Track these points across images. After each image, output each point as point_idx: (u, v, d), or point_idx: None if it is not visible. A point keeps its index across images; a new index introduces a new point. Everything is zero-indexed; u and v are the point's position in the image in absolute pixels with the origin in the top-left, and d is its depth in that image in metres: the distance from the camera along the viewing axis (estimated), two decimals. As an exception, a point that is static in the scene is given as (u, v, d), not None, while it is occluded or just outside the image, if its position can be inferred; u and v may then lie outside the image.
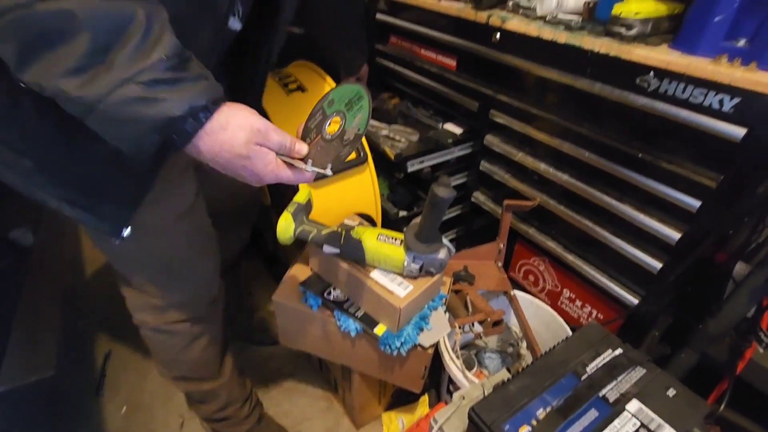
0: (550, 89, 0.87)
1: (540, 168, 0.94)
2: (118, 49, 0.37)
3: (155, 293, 0.76)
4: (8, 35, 0.35)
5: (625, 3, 0.72)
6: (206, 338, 0.85)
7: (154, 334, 0.82)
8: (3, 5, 0.33)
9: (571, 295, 1.01)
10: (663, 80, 0.68)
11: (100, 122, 0.40)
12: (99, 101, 0.38)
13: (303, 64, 1.10)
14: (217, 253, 0.82)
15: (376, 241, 0.75)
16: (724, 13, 0.63)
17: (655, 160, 0.74)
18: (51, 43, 0.35)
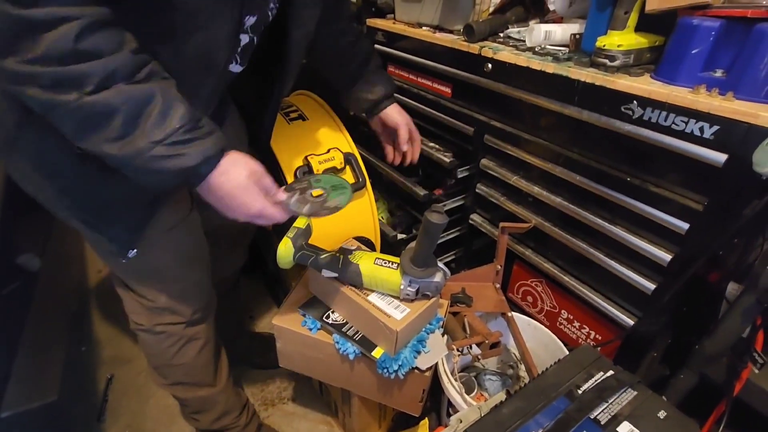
0: (541, 116, 0.91)
1: (534, 191, 0.97)
2: (144, 122, 0.51)
3: (147, 295, 0.82)
4: (66, 120, 0.50)
5: (608, 36, 0.76)
6: (200, 342, 0.89)
7: (148, 335, 0.86)
8: (60, 100, 0.47)
9: (569, 316, 1.02)
10: (646, 108, 0.71)
11: (133, 172, 0.54)
12: (134, 159, 0.52)
13: (304, 94, 1.15)
14: (207, 264, 0.87)
15: (373, 265, 0.77)
16: (701, 46, 0.67)
17: (643, 184, 0.77)
18: (97, 123, 0.49)
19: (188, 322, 0.86)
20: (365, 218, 1.03)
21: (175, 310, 0.84)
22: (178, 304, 0.84)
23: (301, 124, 1.02)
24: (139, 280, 0.80)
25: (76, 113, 0.48)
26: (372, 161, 1.30)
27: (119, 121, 0.49)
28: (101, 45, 0.47)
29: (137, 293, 0.82)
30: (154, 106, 0.51)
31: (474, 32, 0.97)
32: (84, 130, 0.50)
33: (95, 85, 0.47)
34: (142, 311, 0.83)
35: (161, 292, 0.81)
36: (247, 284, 1.55)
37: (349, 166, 0.98)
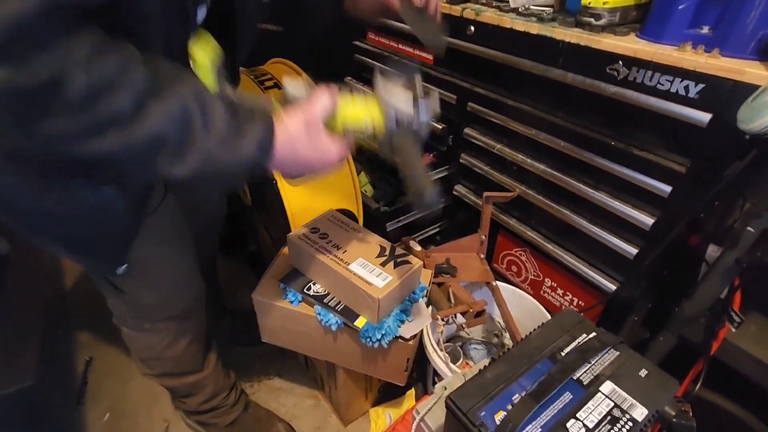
0: (525, 80, 0.89)
1: (518, 158, 0.95)
2: (193, 133, 0.48)
3: (134, 294, 0.77)
4: (122, 157, 0.47)
5: (593, -7, 0.73)
6: (190, 335, 0.86)
7: (135, 333, 0.83)
8: (112, 148, 0.45)
9: (552, 284, 1.02)
10: (631, 68, 0.69)
11: (203, 181, 0.52)
12: (200, 171, 0.49)
13: (279, 62, 1.10)
14: (192, 254, 0.83)
15: (341, 132, 0.60)
16: (687, 2, 0.65)
17: (626, 148, 0.76)
18: (155, 151, 0.47)
19: (178, 317, 0.82)
20: (347, 190, 1.01)
21: (164, 307, 0.80)
22: (167, 301, 0.80)
23: (277, 94, 0.98)
24: (126, 279, 0.75)
25: (129, 147, 0.46)
26: (353, 133, 1.27)
27: (173, 142, 0.47)
28: (109, 73, 0.43)
29: (123, 291, 0.77)
30: (194, 115, 0.48)
31: (456, -7, 0.93)
32: (146, 162, 0.48)
33: (130, 115, 0.45)
34: (128, 310, 0.80)
35: (149, 290, 0.77)
36: (227, 262, 1.52)
37: (329, 135, 0.95)
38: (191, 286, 0.83)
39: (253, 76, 1.03)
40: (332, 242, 0.83)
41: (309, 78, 1.04)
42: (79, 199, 0.60)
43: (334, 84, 0.60)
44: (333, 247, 0.82)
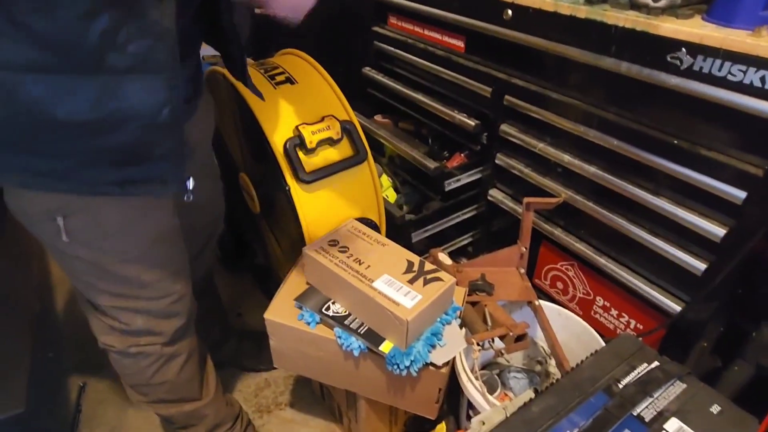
0: (571, 70, 0.89)
1: (564, 160, 0.96)
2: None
3: (120, 317, 0.82)
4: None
5: (651, -29, 0.74)
6: (182, 357, 0.90)
7: (121, 358, 0.87)
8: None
9: (605, 303, 1.02)
10: (697, 57, 0.70)
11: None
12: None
13: (291, 53, 1.13)
14: (188, 275, 0.88)
15: None
16: (762, -21, 0.65)
17: (692, 147, 0.76)
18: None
19: (168, 341, 0.87)
20: (367, 197, 1.03)
21: (154, 332, 0.85)
22: (157, 325, 0.85)
23: (290, 89, 1.01)
24: (114, 301, 0.80)
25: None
26: (373, 130, 1.29)
27: None
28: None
29: (109, 316, 0.82)
30: None
31: (491, -27, 0.95)
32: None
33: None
34: (113, 333, 0.84)
35: (138, 314, 0.82)
36: (233, 278, 1.56)
37: (347, 136, 0.97)
38: (181, 308, 0.88)
39: (263, 69, 1.06)
40: (353, 256, 0.85)
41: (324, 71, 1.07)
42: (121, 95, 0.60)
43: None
44: (354, 261, 0.84)
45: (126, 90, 0.58)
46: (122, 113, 0.59)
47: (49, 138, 0.59)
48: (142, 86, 0.59)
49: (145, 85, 0.59)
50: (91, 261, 0.75)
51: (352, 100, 1.04)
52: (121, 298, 0.80)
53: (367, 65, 1.40)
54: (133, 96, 0.59)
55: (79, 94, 0.56)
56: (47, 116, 0.56)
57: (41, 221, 0.69)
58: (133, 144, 0.62)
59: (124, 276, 0.78)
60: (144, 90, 0.59)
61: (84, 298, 0.83)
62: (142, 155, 0.65)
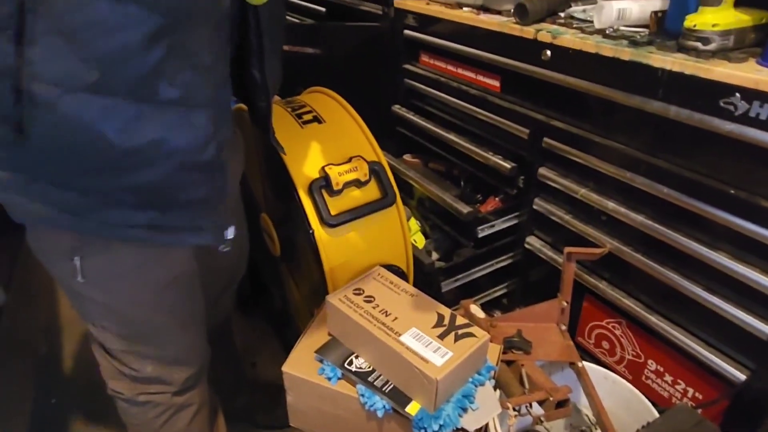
0: (615, 113, 0.91)
1: (608, 207, 0.96)
2: None
3: (131, 363, 0.84)
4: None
5: (700, 13, 0.76)
6: (192, 408, 0.92)
7: (129, 406, 0.89)
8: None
9: (658, 368, 0.99)
10: (753, 102, 0.71)
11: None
12: None
13: (318, 91, 1.19)
14: (203, 322, 0.91)
15: None
16: (821, 23, 0.66)
17: (750, 197, 0.76)
18: None
19: (178, 390, 0.89)
20: (395, 242, 1.05)
21: (163, 380, 0.87)
22: (167, 373, 0.87)
23: (317, 128, 1.05)
24: (125, 346, 0.83)
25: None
26: (402, 171, 1.33)
27: None
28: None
29: (118, 360, 0.85)
30: None
31: (527, 12, 0.99)
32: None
33: None
34: (123, 379, 0.87)
35: (148, 360, 0.85)
36: (248, 323, 1.58)
37: (375, 178, 1.00)
38: (193, 356, 0.90)
39: (291, 108, 1.11)
40: (379, 307, 0.86)
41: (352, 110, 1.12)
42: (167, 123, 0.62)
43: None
44: (380, 313, 0.85)
45: (170, 121, 0.61)
46: (163, 146, 0.61)
47: (85, 167, 0.61)
48: (187, 119, 0.62)
49: (190, 119, 0.62)
50: (104, 302, 0.78)
51: (380, 138, 1.08)
52: (131, 342, 0.83)
53: (396, 103, 1.45)
54: (177, 129, 0.62)
55: (124, 119, 0.58)
56: (84, 137, 0.58)
57: (60, 261, 0.73)
58: (167, 183, 0.64)
59: (137, 319, 0.81)
60: (188, 124, 0.62)
61: (95, 340, 0.86)
62: (175, 198, 0.67)
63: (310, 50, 1.52)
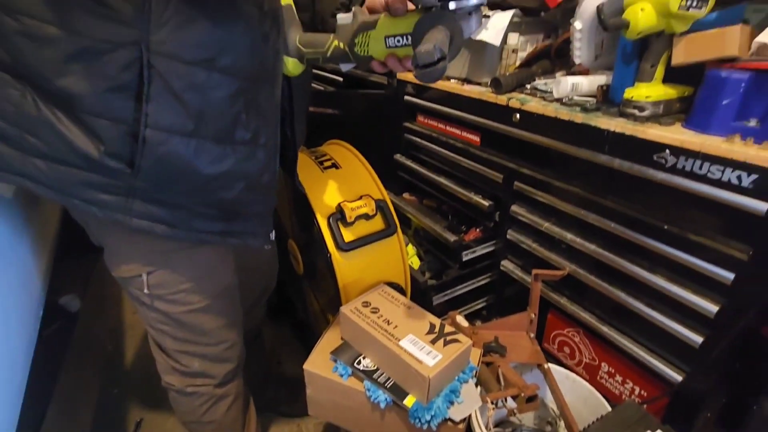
0: (571, 163, 0.92)
1: (567, 238, 0.97)
2: None
3: (182, 360, 0.85)
4: None
5: (636, 88, 0.79)
6: (230, 399, 0.92)
7: (179, 396, 0.89)
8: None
9: (610, 370, 0.98)
10: (679, 157, 0.72)
11: None
12: None
13: (336, 143, 1.22)
14: (241, 326, 0.92)
15: (386, 50, 0.66)
16: (731, 97, 0.68)
17: (681, 232, 0.76)
18: None
19: (219, 383, 0.89)
20: (396, 264, 1.05)
21: (208, 374, 0.88)
22: (211, 368, 0.88)
23: (335, 173, 1.07)
24: (178, 345, 0.84)
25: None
26: (402, 207, 1.34)
27: None
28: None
29: (172, 358, 0.86)
30: None
31: (501, 85, 1.02)
32: None
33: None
34: (175, 374, 0.87)
35: (196, 357, 0.85)
36: (274, 329, 1.57)
37: (381, 212, 1.01)
38: (233, 354, 0.90)
39: (314, 156, 1.14)
40: (383, 317, 0.86)
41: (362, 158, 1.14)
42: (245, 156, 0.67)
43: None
44: (384, 322, 0.85)
45: (242, 156, 0.66)
46: (235, 174, 0.66)
47: (177, 189, 0.64)
48: (253, 154, 0.67)
49: (255, 154, 0.68)
50: (164, 310, 0.79)
51: (385, 180, 1.09)
52: (184, 342, 0.83)
53: (398, 153, 1.47)
54: (246, 161, 0.67)
55: (211, 155, 0.63)
56: (182, 169, 0.62)
57: (132, 277, 0.74)
58: (237, 200, 0.69)
59: (190, 324, 0.81)
60: (252, 157, 0.67)
61: (154, 340, 0.86)
62: (240, 210, 0.71)
63: (330, 111, 1.56)
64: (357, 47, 0.67)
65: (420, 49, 0.53)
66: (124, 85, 0.56)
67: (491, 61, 1.10)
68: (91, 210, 0.63)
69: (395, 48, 0.64)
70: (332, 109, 1.58)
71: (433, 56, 0.53)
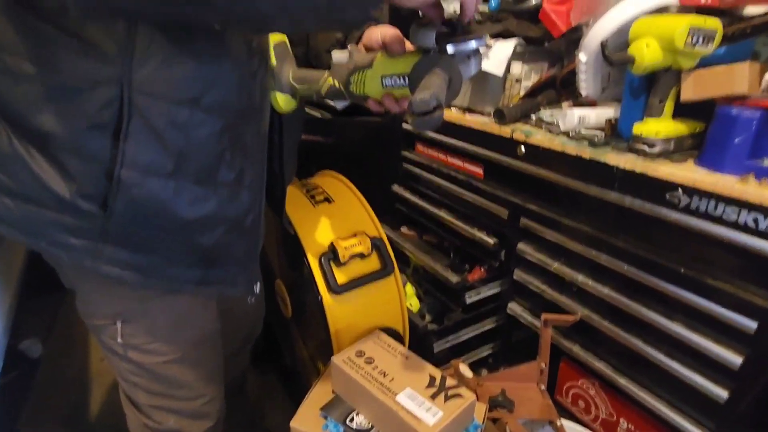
0: (580, 200, 0.95)
1: (578, 279, 0.98)
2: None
3: (156, 415, 0.85)
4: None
5: (645, 123, 0.82)
6: None
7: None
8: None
9: (629, 427, 0.97)
10: (693, 197, 0.75)
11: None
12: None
13: (329, 174, 1.24)
14: (222, 377, 0.91)
15: (382, 89, 0.69)
16: (743, 135, 0.72)
17: (698, 276, 0.78)
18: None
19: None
20: (392, 307, 1.06)
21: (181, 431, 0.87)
22: (188, 426, 0.87)
23: (327, 207, 1.09)
24: (152, 400, 0.84)
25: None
26: (399, 243, 1.36)
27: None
28: None
29: (144, 413, 0.85)
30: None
31: (505, 116, 1.06)
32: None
33: None
34: (146, 431, 0.87)
35: (171, 413, 0.85)
36: (258, 377, 1.55)
37: (377, 251, 1.03)
38: (212, 409, 0.90)
39: (305, 189, 1.16)
40: (378, 368, 0.86)
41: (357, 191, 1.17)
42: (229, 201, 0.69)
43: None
44: (379, 374, 0.85)
45: (224, 197, 0.68)
46: (216, 217, 0.67)
47: (151, 233, 0.65)
48: (237, 196, 0.69)
49: (237, 195, 0.69)
50: (138, 361, 0.79)
51: (381, 214, 1.11)
52: (158, 397, 0.83)
53: (396, 184, 1.50)
54: (228, 203, 0.68)
55: (191, 197, 0.64)
56: (158, 212, 0.63)
57: (105, 325, 0.75)
58: (217, 245, 0.70)
59: (165, 376, 0.81)
60: (236, 199, 0.69)
61: (125, 394, 0.86)
62: (220, 256, 0.72)
63: (324, 139, 1.60)
64: (353, 86, 0.71)
65: (416, 97, 0.56)
66: (102, 124, 0.58)
67: (494, 91, 1.15)
68: (59, 254, 0.64)
69: (392, 88, 0.68)
70: (326, 137, 1.62)
71: (429, 105, 0.56)
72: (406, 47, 0.67)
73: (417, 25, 0.63)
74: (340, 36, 0.85)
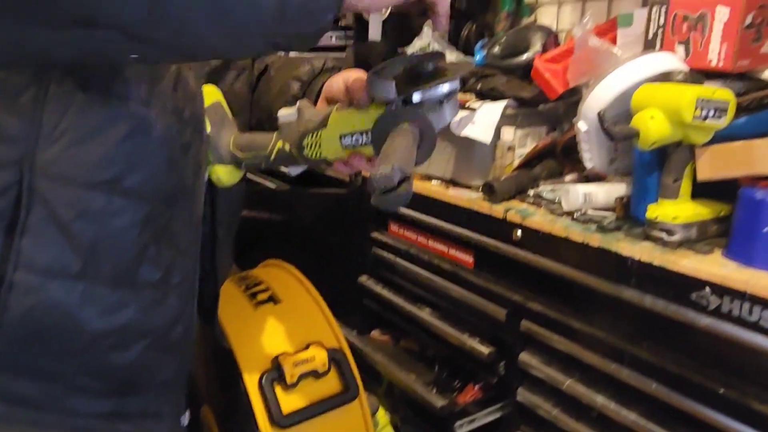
0: (592, 298, 1.00)
1: (597, 402, 1.00)
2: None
3: None
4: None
5: (660, 205, 0.89)
6: None
7: None
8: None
9: None
10: (723, 297, 0.80)
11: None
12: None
13: (276, 265, 1.27)
14: None
15: (343, 150, 0.73)
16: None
17: (741, 398, 0.81)
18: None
19: None
20: (357, 442, 1.05)
21: None
22: None
23: (272, 310, 1.11)
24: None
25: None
26: (368, 355, 1.36)
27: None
28: None
29: None
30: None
31: (496, 192, 1.13)
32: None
33: None
34: None
35: None
36: None
37: (336, 368, 1.03)
38: None
39: (244, 285, 1.18)
40: None
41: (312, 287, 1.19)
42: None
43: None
44: None
45: (147, 302, 0.68)
46: (135, 328, 0.67)
47: (50, 352, 0.64)
48: (164, 300, 0.70)
49: (163, 299, 0.70)
50: None
51: (345, 314, 1.14)
52: None
53: (364, 274, 1.53)
54: (152, 309, 0.69)
55: (103, 304, 0.64)
56: (59, 324, 0.63)
57: None
58: (134, 366, 0.69)
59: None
60: (162, 304, 0.70)
61: None
62: (139, 381, 0.72)
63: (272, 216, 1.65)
64: (307, 150, 0.76)
65: (375, 173, 0.61)
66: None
67: (482, 161, 1.23)
68: None
69: (355, 147, 0.73)
70: (274, 213, 1.66)
71: (392, 181, 0.60)
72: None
73: (373, 74, 0.69)
74: (296, 90, 0.92)
